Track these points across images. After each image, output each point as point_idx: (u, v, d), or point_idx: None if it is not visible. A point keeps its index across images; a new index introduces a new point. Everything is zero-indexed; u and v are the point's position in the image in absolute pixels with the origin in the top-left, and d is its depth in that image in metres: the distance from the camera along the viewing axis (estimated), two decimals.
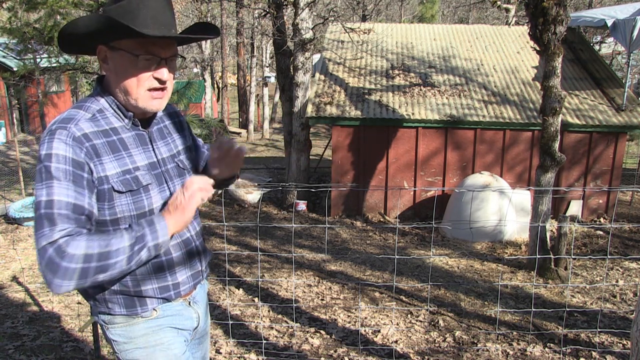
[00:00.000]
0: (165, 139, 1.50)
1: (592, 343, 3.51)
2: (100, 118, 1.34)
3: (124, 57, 1.29)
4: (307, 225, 7.12)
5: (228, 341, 3.47)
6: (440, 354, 3.38)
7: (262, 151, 16.36)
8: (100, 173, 1.28)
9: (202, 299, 1.64)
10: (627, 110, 7.49)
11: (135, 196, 1.34)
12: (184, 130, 1.61)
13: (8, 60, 13.48)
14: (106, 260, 1.19)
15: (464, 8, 28.25)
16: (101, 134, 1.31)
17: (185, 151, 1.57)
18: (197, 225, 1.57)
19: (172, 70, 1.37)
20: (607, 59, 15.49)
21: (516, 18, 14.78)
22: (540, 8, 4.83)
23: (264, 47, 20.85)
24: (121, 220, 1.33)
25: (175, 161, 1.49)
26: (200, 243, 1.57)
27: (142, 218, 1.34)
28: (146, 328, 1.45)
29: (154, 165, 1.41)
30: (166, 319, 1.48)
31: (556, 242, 5.03)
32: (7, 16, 9.64)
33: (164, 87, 1.35)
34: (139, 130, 1.41)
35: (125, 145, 1.35)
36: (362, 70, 8.67)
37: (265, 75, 21.68)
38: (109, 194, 1.29)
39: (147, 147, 1.42)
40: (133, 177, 1.34)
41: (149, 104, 1.35)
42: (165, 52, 1.32)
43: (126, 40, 1.28)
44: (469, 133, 7.52)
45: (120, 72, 1.31)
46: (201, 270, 1.57)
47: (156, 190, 1.39)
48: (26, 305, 4.12)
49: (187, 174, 1.52)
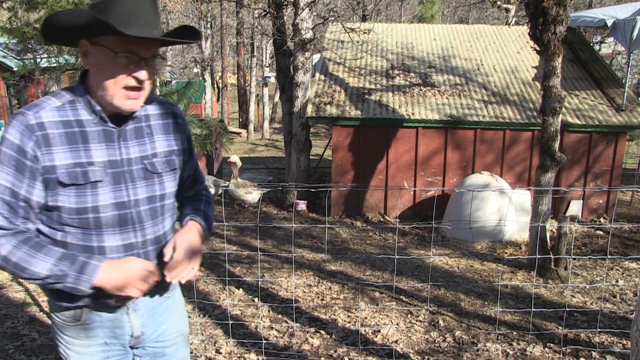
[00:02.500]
0: (142, 139, 1.45)
1: (592, 343, 3.51)
2: (69, 109, 1.35)
3: (104, 53, 1.30)
4: (307, 225, 7.12)
5: (228, 341, 3.48)
6: (440, 354, 3.38)
7: (262, 151, 16.36)
8: (47, 162, 1.30)
9: (150, 310, 1.57)
10: (627, 110, 7.49)
11: (80, 190, 1.33)
12: (178, 133, 1.55)
13: (8, 60, 13.48)
14: (21, 271, 1.29)
15: (464, 8, 28.25)
16: (61, 124, 1.33)
17: (167, 155, 1.50)
18: (153, 232, 1.49)
19: (152, 70, 1.36)
20: (607, 59, 15.49)
21: (516, 18, 14.78)
22: (540, 8, 4.83)
23: (264, 47, 20.85)
24: (63, 209, 1.34)
25: (144, 163, 1.44)
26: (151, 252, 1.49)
27: (83, 213, 1.35)
28: (69, 325, 1.48)
29: (114, 163, 1.39)
30: (94, 323, 1.48)
31: (556, 242, 5.03)
32: (7, 16, 9.64)
33: (140, 86, 1.34)
34: (108, 126, 1.38)
35: (85, 139, 1.35)
36: (362, 70, 8.67)
37: (265, 75, 21.69)
38: (52, 184, 1.32)
39: (113, 144, 1.39)
40: (83, 171, 1.33)
41: (123, 103, 1.34)
42: (145, 52, 1.32)
43: (107, 37, 1.28)
44: (469, 133, 7.52)
45: (99, 67, 1.32)
46: None
47: (107, 188, 1.37)
48: (26, 305, 4.12)
49: (155, 177, 1.47)
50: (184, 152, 1.58)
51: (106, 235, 1.40)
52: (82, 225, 1.37)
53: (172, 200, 1.55)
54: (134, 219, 1.43)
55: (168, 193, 1.52)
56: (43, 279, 1.29)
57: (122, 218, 1.41)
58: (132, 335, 1.55)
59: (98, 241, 1.40)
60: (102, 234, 1.39)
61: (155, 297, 1.58)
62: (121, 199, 1.40)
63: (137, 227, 1.44)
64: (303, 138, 8.34)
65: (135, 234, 1.44)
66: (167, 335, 1.63)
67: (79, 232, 1.38)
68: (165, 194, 1.51)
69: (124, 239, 1.42)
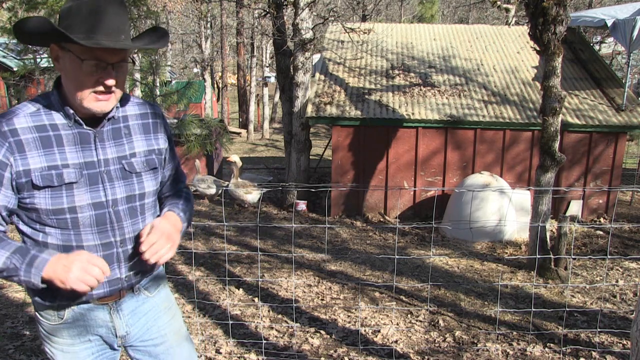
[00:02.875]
0: (119, 140, 1.47)
1: (592, 343, 3.51)
2: (44, 113, 1.38)
3: (71, 59, 1.32)
4: (307, 225, 7.12)
5: (228, 341, 3.48)
6: (440, 354, 3.38)
7: (262, 151, 16.36)
8: (20, 167, 1.33)
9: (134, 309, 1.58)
10: (627, 110, 7.49)
11: (55, 192, 1.36)
12: (158, 133, 1.57)
13: (8, 60, 13.49)
14: None
15: (464, 8, 28.25)
16: (35, 129, 1.36)
17: (145, 155, 1.52)
18: (132, 231, 1.50)
19: (121, 74, 1.37)
20: (607, 59, 15.49)
21: (516, 18, 14.78)
22: (540, 8, 4.83)
23: (264, 47, 20.84)
24: (40, 211, 1.37)
25: (122, 163, 1.46)
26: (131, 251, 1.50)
27: (60, 214, 1.38)
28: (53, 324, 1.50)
29: (91, 164, 1.41)
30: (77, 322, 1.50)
31: (556, 242, 5.03)
32: (7, 16, 9.64)
33: (109, 91, 1.36)
34: (83, 129, 1.41)
35: (60, 142, 1.38)
36: (362, 70, 8.67)
37: (265, 75, 21.69)
38: (27, 187, 1.35)
39: (89, 145, 1.41)
40: (57, 173, 1.36)
41: (94, 105, 1.36)
42: (112, 57, 1.33)
43: (74, 44, 1.29)
44: (469, 133, 7.52)
45: (67, 72, 1.35)
46: (120, 279, 1.50)
47: (84, 189, 1.40)
48: (26, 305, 4.12)
49: (134, 177, 1.49)
50: (164, 152, 1.59)
51: (84, 235, 1.42)
52: (60, 225, 1.40)
53: (152, 199, 1.57)
54: (112, 218, 1.45)
55: (148, 192, 1.53)
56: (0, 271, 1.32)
57: (100, 218, 1.43)
58: (117, 335, 1.56)
59: (77, 241, 1.42)
60: (79, 233, 1.42)
61: (140, 296, 1.60)
62: (98, 199, 1.42)
63: (115, 226, 1.46)
64: (303, 138, 8.34)
65: (113, 232, 1.46)
66: (154, 333, 1.63)
67: (58, 232, 1.41)
68: (144, 193, 1.52)
69: (102, 238, 1.44)
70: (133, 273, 1.54)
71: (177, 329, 1.71)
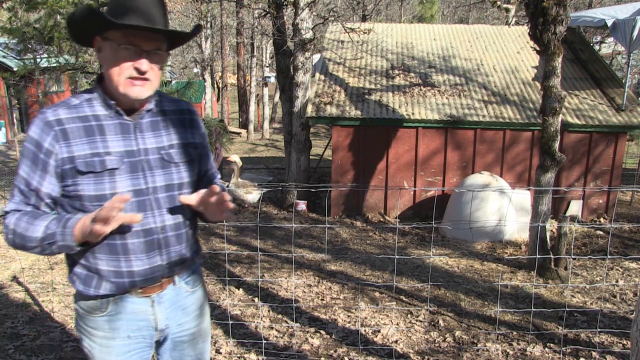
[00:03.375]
0: (158, 132, 1.54)
1: (592, 343, 3.51)
2: (86, 105, 1.47)
3: (110, 47, 1.41)
4: (307, 225, 7.12)
5: (228, 341, 3.48)
6: (440, 354, 3.38)
7: (262, 151, 16.36)
8: (65, 154, 1.41)
9: (175, 303, 1.61)
10: (627, 110, 7.49)
11: (98, 178, 1.43)
12: (194, 129, 1.64)
13: (8, 60, 13.49)
14: (23, 241, 1.40)
15: (464, 8, 28.25)
16: (78, 119, 1.44)
17: (182, 147, 1.58)
18: (172, 219, 1.54)
19: (156, 62, 1.45)
20: (607, 59, 15.49)
21: (516, 18, 14.78)
22: (540, 8, 4.83)
23: (264, 47, 20.84)
24: (84, 197, 1.43)
25: (160, 153, 1.52)
26: (171, 238, 1.54)
27: (102, 200, 1.41)
28: (93, 316, 1.52)
29: (131, 153, 1.47)
30: (119, 315, 1.52)
31: (556, 242, 5.03)
32: (7, 16, 9.65)
33: (143, 77, 1.43)
34: (124, 119, 1.48)
35: (102, 131, 1.45)
36: (362, 70, 8.67)
37: (265, 75, 21.68)
38: (71, 173, 1.42)
39: (129, 135, 1.48)
40: (100, 160, 1.42)
41: (129, 90, 1.43)
42: (147, 44, 1.41)
43: (114, 31, 1.39)
44: (469, 133, 7.52)
45: (106, 60, 1.43)
46: (161, 265, 1.53)
47: (125, 176, 1.45)
48: (26, 305, 4.12)
49: (172, 167, 1.54)
50: (199, 147, 1.65)
51: None
52: None
53: (189, 190, 1.60)
54: (152, 205, 1.50)
55: (186, 182, 1.58)
56: (40, 242, 1.38)
57: (141, 204, 1.48)
58: (157, 329, 1.59)
59: (119, 227, 1.44)
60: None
61: (180, 290, 1.63)
62: (139, 186, 1.48)
63: (156, 213, 1.51)
64: (303, 138, 8.34)
65: (154, 219, 1.50)
66: (186, 329, 1.67)
67: None
68: (183, 183, 1.57)
69: (143, 224, 1.48)
70: (173, 261, 1.57)
71: (206, 326, 1.76)
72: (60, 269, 5.06)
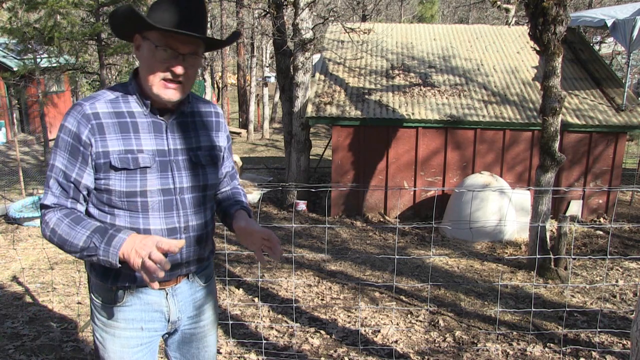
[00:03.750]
0: (187, 133, 1.56)
1: (592, 343, 3.51)
2: (122, 101, 1.48)
3: (148, 47, 1.42)
4: (307, 225, 7.12)
5: (228, 341, 3.48)
6: (440, 354, 3.38)
7: (262, 151, 16.36)
8: (100, 148, 1.42)
9: (188, 297, 1.64)
10: (627, 110, 7.49)
11: (130, 175, 1.44)
12: (219, 131, 1.67)
13: (8, 60, 13.47)
14: (63, 244, 1.40)
15: (464, 8, 28.25)
16: (114, 115, 1.45)
17: (209, 149, 1.61)
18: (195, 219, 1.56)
19: (191, 67, 1.46)
20: (607, 59, 15.49)
21: (516, 18, 14.78)
22: (540, 8, 4.83)
23: (264, 47, 20.85)
24: (113, 192, 1.44)
25: (189, 154, 1.54)
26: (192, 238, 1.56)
27: (132, 197, 1.45)
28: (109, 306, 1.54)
29: (162, 152, 1.49)
30: (134, 306, 1.55)
31: (556, 242, 5.03)
32: (7, 16, 9.66)
33: (178, 80, 1.44)
34: (157, 118, 1.50)
35: (136, 128, 1.47)
36: (362, 70, 8.67)
37: (265, 75, 21.68)
38: (104, 168, 1.43)
39: (161, 135, 1.50)
40: (133, 157, 1.44)
41: (162, 92, 1.44)
42: (183, 48, 1.42)
43: (153, 32, 1.40)
44: (469, 133, 7.52)
45: (144, 59, 1.45)
46: (180, 264, 1.56)
47: (155, 174, 1.47)
48: (26, 305, 4.12)
49: (199, 169, 1.57)
50: (224, 149, 1.69)
51: (152, 219, 1.48)
52: (130, 208, 1.47)
53: (213, 192, 1.65)
54: (178, 205, 1.52)
55: (210, 185, 1.61)
56: (80, 251, 1.38)
57: (167, 203, 1.50)
58: (169, 320, 1.62)
59: (144, 224, 1.48)
60: (147, 217, 1.48)
61: (194, 284, 1.66)
62: (167, 185, 1.50)
63: (180, 213, 1.53)
64: (303, 138, 8.34)
65: (179, 219, 1.52)
66: (196, 322, 1.70)
67: (127, 215, 1.47)
68: (207, 185, 1.60)
69: (168, 223, 1.50)
70: (192, 260, 1.59)
71: (214, 320, 1.79)
72: (60, 269, 5.06)
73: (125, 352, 1.57)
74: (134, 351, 1.58)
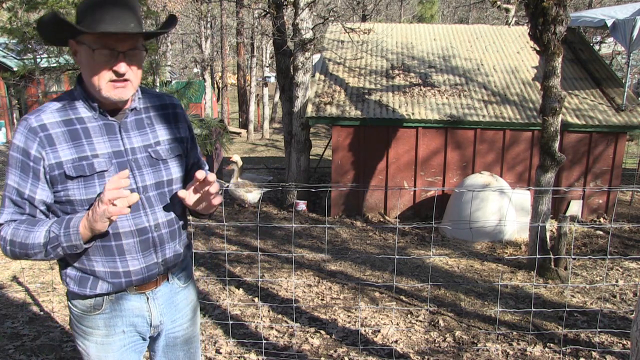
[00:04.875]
0: (143, 129, 1.53)
1: (592, 343, 3.51)
2: (69, 108, 1.45)
3: (86, 51, 1.37)
4: (307, 225, 7.12)
5: (228, 341, 3.48)
6: (440, 354, 3.38)
7: (262, 151, 16.36)
8: (53, 160, 1.39)
9: (168, 299, 1.63)
10: (627, 110, 7.49)
11: (88, 182, 1.42)
12: (178, 122, 1.62)
13: (8, 60, 13.48)
14: (25, 249, 1.38)
15: (464, 8, 28.25)
16: (62, 123, 1.42)
17: (169, 142, 1.57)
18: (164, 216, 1.54)
19: (135, 62, 1.42)
20: (607, 59, 15.49)
21: (516, 18, 14.78)
22: (540, 8, 4.83)
23: (264, 47, 20.85)
24: (75, 202, 1.42)
25: (148, 151, 1.51)
26: (165, 235, 1.54)
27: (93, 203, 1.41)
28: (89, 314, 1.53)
29: (119, 153, 1.47)
30: (114, 312, 1.53)
31: (556, 242, 5.03)
32: (7, 16, 9.65)
33: (124, 78, 1.40)
34: (108, 120, 1.47)
35: (87, 134, 1.44)
36: (362, 70, 8.67)
37: (265, 75, 21.70)
38: (60, 179, 1.40)
39: (115, 136, 1.47)
40: (88, 163, 1.41)
41: (112, 93, 1.40)
42: (122, 45, 1.37)
43: (87, 35, 1.35)
44: (469, 133, 7.52)
45: (84, 64, 1.41)
46: (157, 263, 1.54)
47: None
48: (26, 305, 4.12)
49: (161, 164, 1.54)
50: (186, 140, 1.65)
51: (119, 222, 1.46)
52: None
53: (179, 185, 1.61)
54: (144, 204, 1.50)
55: (175, 178, 1.58)
56: (44, 248, 1.37)
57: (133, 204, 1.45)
58: (151, 325, 1.60)
59: (112, 228, 1.45)
60: (115, 221, 1.44)
61: (174, 286, 1.65)
62: (129, 186, 1.45)
63: (148, 212, 1.50)
64: (303, 138, 8.34)
65: (147, 218, 1.50)
66: (179, 325, 1.69)
67: None
68: (172, 179, 1.57)
69: (137, 223, 1.48)
70: (169, 257, 1.58)
71: (197, 320, 1.78)
72: None
73: (110, 356, 1.57)
74: (119, 353, 1.58)
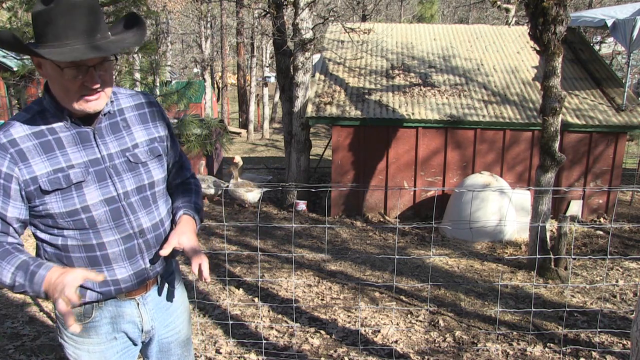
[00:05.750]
0: (119, 133, 1.47)
1: (592, 343, 3.51)
2: (40, 119, 1.37)
3: (52, 67, 1.30)
4: (307, 225, 7.12)
5: (228, 341, 3.48)
6: (440, 354, 3.38)
7: (262, 151, 16.37)
8: (27, 176, 1.33)
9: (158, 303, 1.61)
10: (627, 110, 7.49)
11: (65, 194, 1.36)
12: (156, 121, 1.57)
13: (8, 60, 13.47)
14: None
15: (464, 8, 28.25)
16: (33, 136, 1.35)
17: (148, 144, 1.52)
18: (148, 220, 1.50)
19: (105, 71, 1.35)
20: (607, 59, 15.49)
21: (516, 18, 14.78)
22: (540, 8, 4.83)
23: (264, 47, 20.85)
24: (55, 215, 1.37)
25: (126, 155, 1.46)
26: (150, 240, 1.51)
27: (75, 215, 1.37)
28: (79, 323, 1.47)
29: (95, 161, 1.41)
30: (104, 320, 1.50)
31: (556, 242, 5.03)
32: (7, 16, 9.64)
33: (96, 91, 1.34)
34: (81, 127, 1.40)
35: (61, 144, 1.37)
36: (362, 70, 8.67)
37: (265, 75, 21.70)
38: (37, 194, 1.35)
39: (90, 143, 1.41)
40: (64, 175, 1.35)
41: (86, 107, 1.35)
42: (91, 60, 1.30)
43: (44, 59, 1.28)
44: (469, 133, 7.52)
45: (52, 80, 1.34)
46: (145, 269, 1.51)
47: (93, 186, 1.39)
48: (26, 305, 4.12)
49: (141, 167, 1.48)
50: (165, 139, 1.59)
51: (103, 232, 1.42)
52: (77, 226, 1.40)
53: (162, 186, 1.57)
54: (126, 211, 1.45)
55: (156, 180, 1.53)
56: (10, 287, 1.33)
57: (115, 212, 1.43)
58: (142, 330, 1.58)
59: (96, 238, 1.42)
60: (98, 231, 1.41)
61: (163, 290, 1.63)
62: (109, 194, 1.42)
63: (131, 218, 1.46)
64: (303, 138, 8.34)
65: (131, 225, 1.46)
66: (171, 329, 1.67)
67: (77, 233, 1.40)
68: (153, 182, 1.52)
69: (121, 232, 1.44)
70: (157, 262, 1.55)
71: (188, 323, 1.76)
72: None
73: None
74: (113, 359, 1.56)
